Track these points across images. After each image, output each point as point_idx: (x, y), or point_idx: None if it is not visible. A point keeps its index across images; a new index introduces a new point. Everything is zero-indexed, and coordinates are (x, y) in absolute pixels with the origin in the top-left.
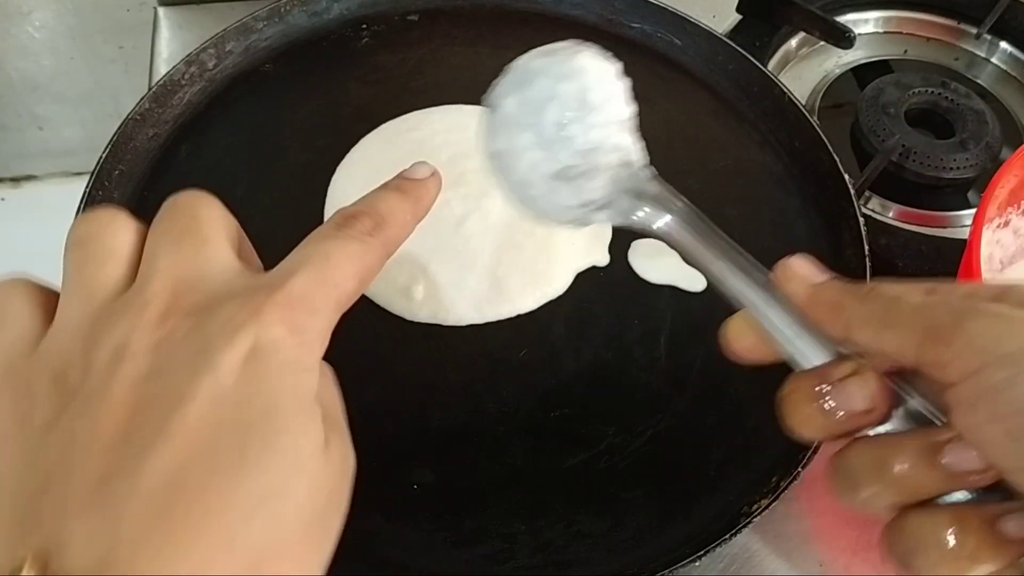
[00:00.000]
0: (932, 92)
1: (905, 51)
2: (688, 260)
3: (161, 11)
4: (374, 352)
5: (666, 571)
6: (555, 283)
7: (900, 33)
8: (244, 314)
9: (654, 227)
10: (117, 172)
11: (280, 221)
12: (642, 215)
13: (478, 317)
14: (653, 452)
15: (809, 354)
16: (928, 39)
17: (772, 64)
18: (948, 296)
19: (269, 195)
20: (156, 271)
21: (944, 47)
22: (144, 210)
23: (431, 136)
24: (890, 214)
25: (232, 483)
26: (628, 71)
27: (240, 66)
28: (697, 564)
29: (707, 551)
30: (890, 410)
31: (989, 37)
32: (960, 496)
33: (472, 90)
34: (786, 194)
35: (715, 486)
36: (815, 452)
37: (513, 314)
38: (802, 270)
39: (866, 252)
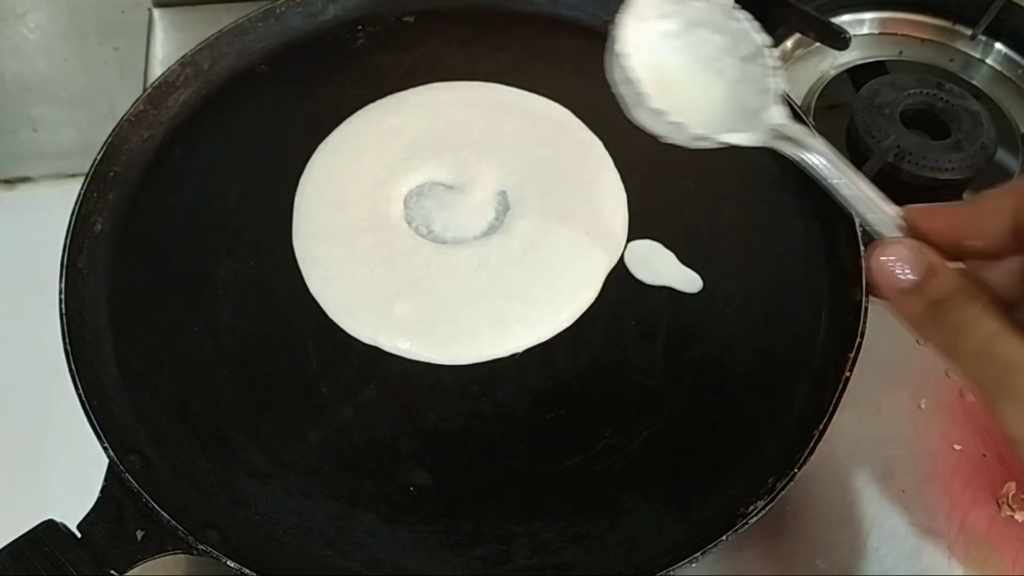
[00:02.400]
0: (927, 93)
1: (900, 52)
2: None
3: (156, 12)
4: (370, 354)
5: (663, 572)
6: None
7: (895, 34)
8: None
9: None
10: (112, 174)
11: (276, 222)
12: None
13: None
14: (650, 454)
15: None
16: (923, 40)
17: None
18: None
19: (265, 197)
20: None
21: (939, 48)
22: (139, 212)
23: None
24: None
25: None
26: None
27: (235, 67)
28: (694, 565)
29: (704, 552)
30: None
31: (984, 38)
32: None
33: None
34: (782, 195)
35: (712, 487)
36: (811, 453)
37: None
38: None
39: (862, 253)
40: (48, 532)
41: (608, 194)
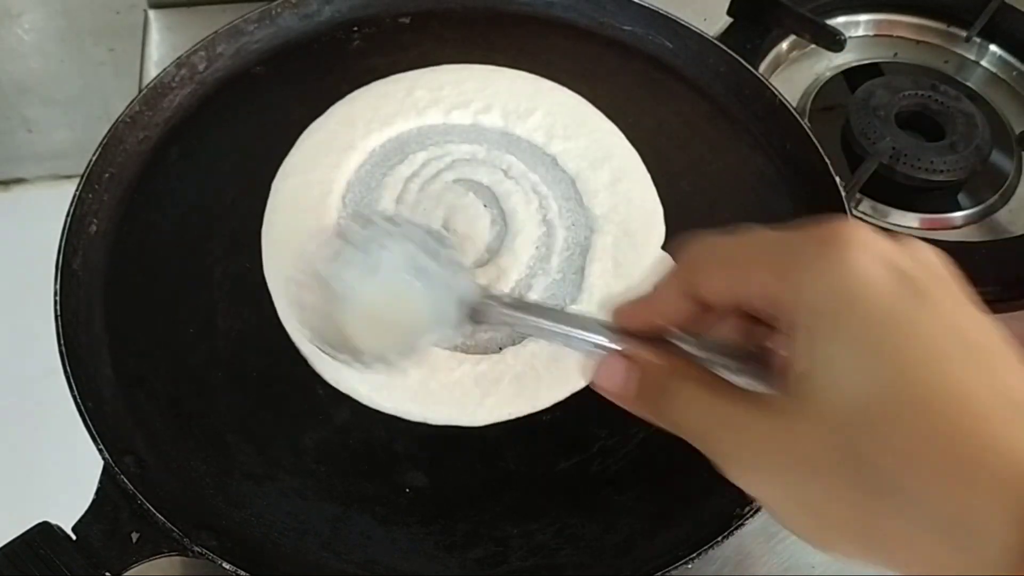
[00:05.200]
0: (922, 95)
1: (895, 54)
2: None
3: (151, 13)
4: None
5: (659, 573)
6: None
7: (890, 36)
8: None
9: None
10: (107, 175)
11: None
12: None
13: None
14: (645, 455)
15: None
16: (918, 42)
17: (763, 67)
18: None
19: (260, 198)
20: None
21: (934, 50)
22: (135, 213)
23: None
24: (881, 216)
25: None
26: (619, 73)
27: (231, 69)
28: (690, 567)
29: (700, 554)
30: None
31: (979, 40)
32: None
33: None
34: (777, 196)
35: (707, 489)
36: None
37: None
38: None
39: None
40: (43, 534)
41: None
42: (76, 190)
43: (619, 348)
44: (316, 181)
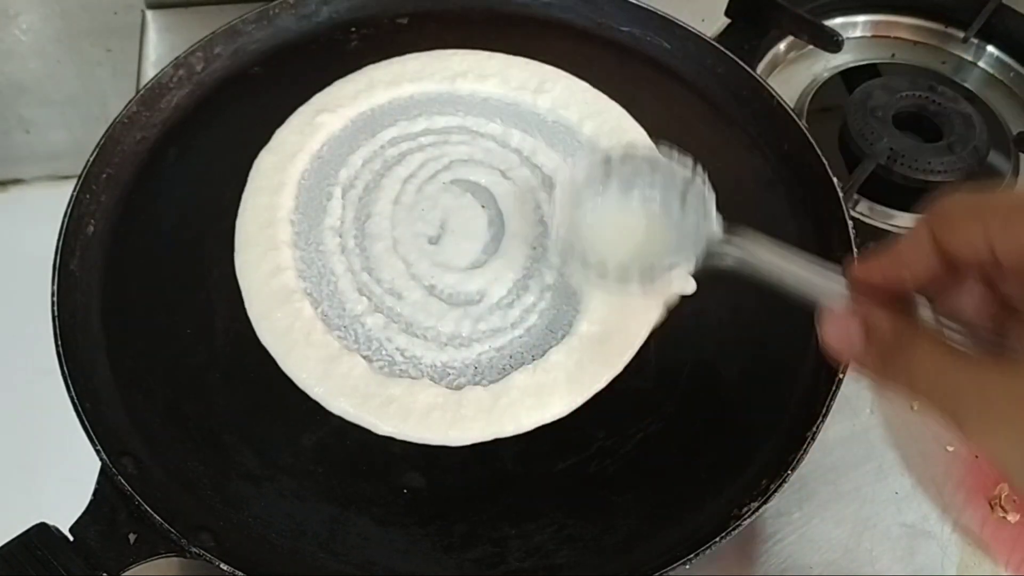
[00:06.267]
0: (919, 96)
1: (893, 55)
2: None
3: (149, 14)
4: None
5: (657, 574)
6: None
7: (888, 37)
8: None
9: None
10: (105, 176)
11: None
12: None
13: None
14: (643, 455)
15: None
16: (916, 43)
17: (761, 68)
18: None
19: None
20: None
21: (931, 51)
22: (132, 214)
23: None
24: (878, 217)
25: None
26: (617, 74)
27: (228, 69)
28: (688, 567)
29: (697, 554)
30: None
31: (976, 41)
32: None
33: None
34: (775, 197)
35: (705, 489)
36: (804, 455)
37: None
38: None
39: (854, 255)
40: (40, 535)
41: None
42: (74, 191)
43: (849, 300)
44: (275, 165)
